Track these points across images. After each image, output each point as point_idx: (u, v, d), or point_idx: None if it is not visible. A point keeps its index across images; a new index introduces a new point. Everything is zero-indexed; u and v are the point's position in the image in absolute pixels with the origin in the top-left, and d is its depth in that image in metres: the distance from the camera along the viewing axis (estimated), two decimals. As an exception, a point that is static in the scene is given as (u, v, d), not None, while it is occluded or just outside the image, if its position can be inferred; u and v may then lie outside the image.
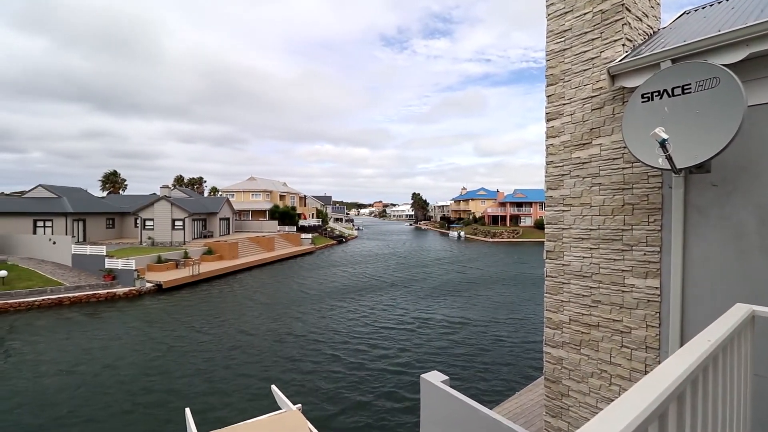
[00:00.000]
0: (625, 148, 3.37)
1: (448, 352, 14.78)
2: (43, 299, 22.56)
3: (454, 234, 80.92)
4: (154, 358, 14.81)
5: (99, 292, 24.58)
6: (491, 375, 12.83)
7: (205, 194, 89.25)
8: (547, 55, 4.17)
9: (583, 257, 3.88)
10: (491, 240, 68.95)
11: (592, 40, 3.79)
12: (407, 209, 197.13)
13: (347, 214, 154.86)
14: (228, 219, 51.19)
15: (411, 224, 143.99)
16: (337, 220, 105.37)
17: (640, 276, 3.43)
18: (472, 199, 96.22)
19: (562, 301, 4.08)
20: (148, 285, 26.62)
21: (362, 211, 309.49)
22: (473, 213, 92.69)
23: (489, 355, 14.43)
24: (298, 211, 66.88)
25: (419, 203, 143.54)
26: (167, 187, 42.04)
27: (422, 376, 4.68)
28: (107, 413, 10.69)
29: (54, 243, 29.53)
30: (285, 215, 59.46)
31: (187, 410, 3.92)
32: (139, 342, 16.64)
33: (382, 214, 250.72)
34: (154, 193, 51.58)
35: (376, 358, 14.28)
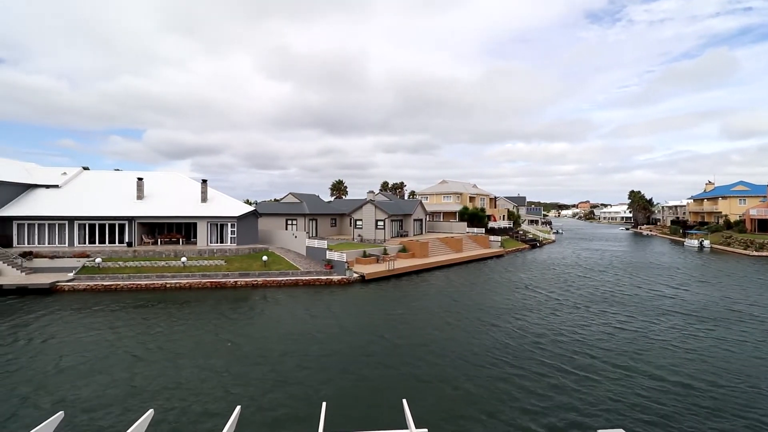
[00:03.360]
0: None
1: (648, 418, 10.70)
2: (286, 279, 29.81)
3: (692, 243, 62.65)
4: (350, 338, 17.30)
5: (321, 277, 30.58)
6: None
7: (405, 197, 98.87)
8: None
9: None
10: (755, 254, 49.94)
11: None
12: (622, 210, 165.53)
13: (544, 216, 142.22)
14: (421, 220, 55.03)
15: (627, 228, 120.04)
16: (531, 222, 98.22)
17: None
18: (724, 197, 72.36)
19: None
20: (355, 275, 31.39)
21: (563, 212, 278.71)
22: (725, 215, 69.57)
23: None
24: (488, 213, 65.69)
25: (639, 203, 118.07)
26: (372, 192, 48.60)
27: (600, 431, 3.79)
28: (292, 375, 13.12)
29: (295, 237, 38.51)
30: (474, 217, 59.43)
31: (324, 405, 4.23)
32: (341, 322, 19.76)
33: (589, 216, 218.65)
34: (366, 197, 60.49)
35: (552, 407, 11.20)
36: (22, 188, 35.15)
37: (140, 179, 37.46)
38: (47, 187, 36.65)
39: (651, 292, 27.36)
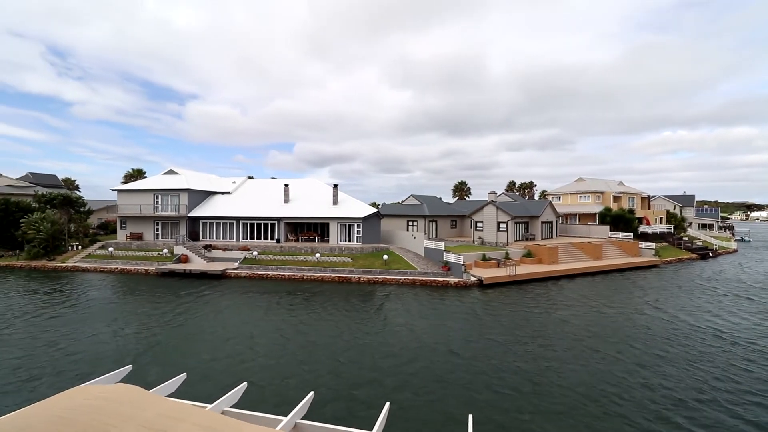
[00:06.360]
0: None
1: None
2: (404, 278, 30.90)
3: None
4: (459, 345, 17.00)
5: (438, 279, 30.74)
6: None
7: (535, 197, 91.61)
8: None
9: None
10: None
11: None
12: None
13: (724, 218, 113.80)
14: (551, 222, 50.24)
15: None
16: (704, 226, 79.98)
17: None
18: None
19: None
20: (473, 279, 30.60)
21: (755, 214, 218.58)
22: None
23: None
24: (638, 215, 55.96)
25: None
26: (494, 192, 46.51)
27: None
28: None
29: (415, 238, 39.56)
30: (619, 219, 51.40)
31: (387, 405, 4.40)
32: (444, 328, 19.54)
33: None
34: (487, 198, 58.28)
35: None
36: (206, 194, 44.78)
37: (286, 185, 43.75)
38: (222, 193, 45.90)
39: None
